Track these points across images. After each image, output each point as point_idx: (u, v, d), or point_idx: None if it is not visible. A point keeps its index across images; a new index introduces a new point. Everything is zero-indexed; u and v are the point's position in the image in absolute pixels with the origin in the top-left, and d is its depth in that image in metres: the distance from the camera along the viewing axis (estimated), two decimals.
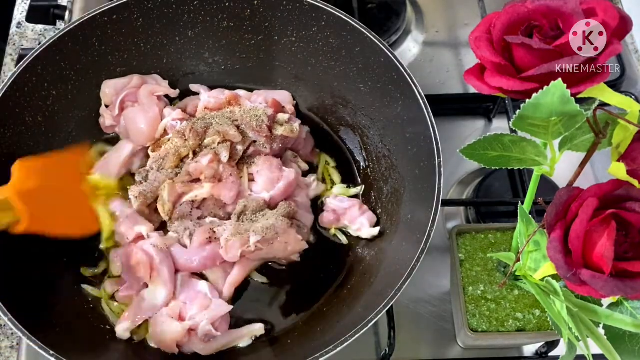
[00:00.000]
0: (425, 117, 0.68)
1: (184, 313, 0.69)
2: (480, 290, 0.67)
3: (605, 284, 0.40)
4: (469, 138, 0.91)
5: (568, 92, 0.39)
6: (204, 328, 0.67)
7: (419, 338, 0.76)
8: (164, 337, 0.67)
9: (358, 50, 0.76)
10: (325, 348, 0.58)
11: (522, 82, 0.43)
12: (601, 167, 0.87)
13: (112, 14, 0.75)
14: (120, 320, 0.69)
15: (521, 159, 0.49)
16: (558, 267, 0.42)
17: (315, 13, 0.76)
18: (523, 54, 0.43)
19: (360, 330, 0.58)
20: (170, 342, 0.67)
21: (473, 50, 0.46)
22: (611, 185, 0.43)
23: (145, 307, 0.69)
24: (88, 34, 0.75)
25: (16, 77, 0.70)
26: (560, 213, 0.44)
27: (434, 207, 0.63)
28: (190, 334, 0.68)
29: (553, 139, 0.45)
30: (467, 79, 0.47)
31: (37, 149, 0.73)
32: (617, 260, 0.41)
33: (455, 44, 1.01)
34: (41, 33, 1.00)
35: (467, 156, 0.50)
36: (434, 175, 0.65)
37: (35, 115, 0.73)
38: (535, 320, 0.65)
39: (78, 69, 0.76)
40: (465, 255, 0.69)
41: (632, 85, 0.95)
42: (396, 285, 0.60)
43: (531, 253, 0.53)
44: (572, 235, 0.42)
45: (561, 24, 0.43)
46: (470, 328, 0.65)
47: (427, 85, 0.93)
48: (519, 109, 0.42)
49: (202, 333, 0.67)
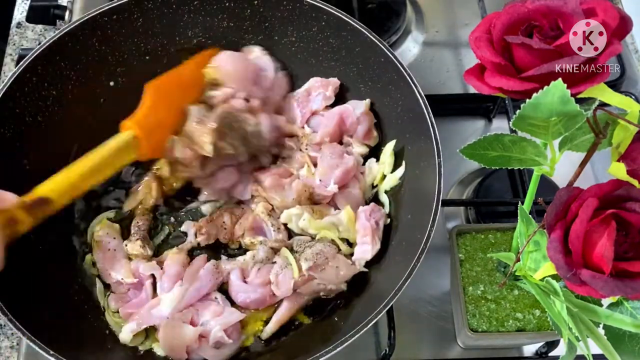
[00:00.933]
0: (425, 117, 0.68)
1: (196, 319, 0.68)
2: (480, 290, 0.67)
3: (605, 284, 0.40)
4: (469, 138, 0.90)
5: (568, 92, 0.39)
6: (216, 335, 0.66)
7: (419, 338, 0.76)
8: (174, 342, 0.66)
9: (358, 50, 0.76)
10: (325, 348, 0.58)
11: (522, 82, 0.43)
12: (601, 167, 0.87)
13: (112, 14, 0.75)
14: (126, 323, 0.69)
15: (521, 159, 0.49)
16: (558, 267, 0.42)
17: (315, 13, 0.76)
18: (523, 54, 0.43)
19: (360, 330, 0.58)
20: (181, 347, 0.66)
21: (473, 50, 0.46)
22: (611, 185, 0.43)
23: (154, 313, 0.68)
24: (88, 34, 0.75)
25: (16, 77, 0.70)
26: (560, 213, 0.44)
27: (434, 207, 0.63)
28: (201, 340, 0.67)
29: (553, 139, 0.45)
30: (467, 79, 0.46)
31: (37, 149, 0.73)
32: (617, 260, 0.40)
33: (455, 44, 1.01)
34: (41, 33, 1.00)
35: (467, 156, 0.50)
36: (434, 175, 0.65)
37: (35, 115, 0.73)
38: (535, 320, 0.65)
39: (78, 69, 0.76)
40: (465, 255, 0.69)
41: (632, 85, 0.95)
42: (396, 285, 0.60)
43: (531, 253, 0.52)
44: (572, 235, 0.42)
45: (561, 24, 0.43)
46: (470, 328, 0.65)
47: (427, 85, 0.93)
48: (519, 109, 0.42)
49: (213, 340, 0.66)
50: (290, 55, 0.82)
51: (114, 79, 0.80)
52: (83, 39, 0.75)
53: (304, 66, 0.82)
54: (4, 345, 0.76)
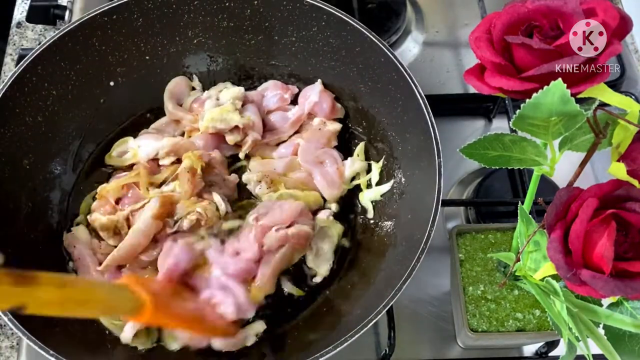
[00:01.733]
0: (425, 117, 0.68)
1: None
2: (480, 290, 0.67)
3: (605, 284, 0.40)
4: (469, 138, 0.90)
5: (568, 92, 0.39)
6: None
7: (419, 338, 0.76)
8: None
9: (358, 50, 0.76)
10: (325, 348, 0.58)
11: (522, 82, 0.43)
12: (601, 167, 0.87)
13: (112, 14, 0.75)
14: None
15: (521, 158, 0.49)
16: (558, 267, 0.42)
17: (316, 13, 0.76)
18: (523, 54, 0.43)
19: (360, 330, 0.58)
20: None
21: (473, 50, 0.46)
22: (611, 185, 0.43)
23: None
24: (88, 34, 0.75)
25: (16, 77, 0.70)
26: (560, 213, 0.44)
27: (434, 207, 0.63)
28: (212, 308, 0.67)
29: (553, 138, 0.45)
30: (467, 79, 0.46)
31: (36, 150, 0.73)
32: (617, 260, 0.40)
33: (455, 44, 1.01)
34: (41, 33, 1.00)
35: (467, 155, 0.50)
36: (434, 175, 0.65)
37: (35, 115, 0.73)
38: (535, 320, 0.65)
39: (78, 69, 0.76)
40: (465, 255, 0.69)
41: (632, 85, 0.95)
42: (396, 285, 0.60)
43: (531, 253, 0.52)
44: (572, 235, 0.42)
45: (561, 24, 0.43)
46: (470, 328, 0.65)
47: (427, 85, 0.93)
48: (519, 109, 0.42)
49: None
50: (290, 55, 0.82)
51: (114, 79, 0.80)
52: (83, 39, 0.75)
53: (304, 66, 0.82)
54: (4, 345, 0.76)
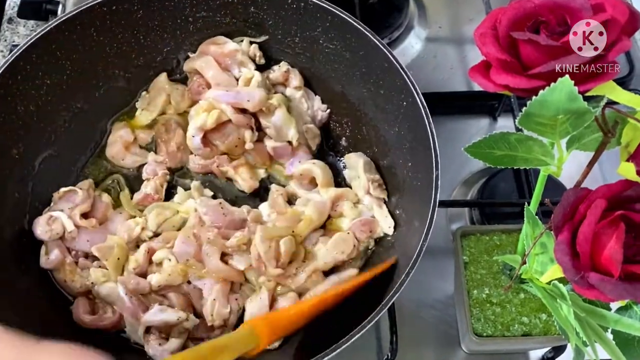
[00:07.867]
0: (426, 127, 0.66)
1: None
2: (485, 294, 0.66)
3: (614, 288, 0.40)
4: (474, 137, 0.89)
5: (575, 89, 0.38)
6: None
7: (421, 343, 0.76)
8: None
9: (362, 53, 0.75)
10: (324, 349, 0.57)
11: (528, 79, 0.42)
12: (610, 167, 0.86)
13: (111, 5, 0.74)
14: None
15: (527, 158, 0.48)
16: (565, 270, 0.42)
17: (320, 13, 0.75)
18: (530, 50, 0.42)
19: (359, 331, 0.57)
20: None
21: (478, 46, 0.45)
22: (620, 186, 0.43)
23: None
24: (86, 23, 0.73)
25: (9, 64, 0.68)
26: (567, 214, 0.43)
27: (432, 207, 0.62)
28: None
29: (560, 137, 0.44)
30: (472, 76, 0.46)
31: (27, 139, 0.72)
32: (626, 263, 0.40)
33: (459, 40, 1.00)
34: (33, 29, 0.99)
35: (472, 155, 0.49)
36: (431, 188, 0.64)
37: (28, 104, 0.72)
38: (542, 325, 0.65)
39: (74, 58, 0.75)
40: (470, 257, 0.68)
41: None
42: (395, 285, 0.59)
43: (537, 255, 0.52)
44: (580, 237, 0.41)
45: (569, 20, 0.43)
46: (474, 332, 0.65)
47: (430, 83, 0.92)
48: (525, 107, 0.41)
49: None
50: (293, 55, 0.82)
51: (111, 70, 0.79)
52: (80, 28, 0.73)
53: (307, 67, 0.82)
54: None
